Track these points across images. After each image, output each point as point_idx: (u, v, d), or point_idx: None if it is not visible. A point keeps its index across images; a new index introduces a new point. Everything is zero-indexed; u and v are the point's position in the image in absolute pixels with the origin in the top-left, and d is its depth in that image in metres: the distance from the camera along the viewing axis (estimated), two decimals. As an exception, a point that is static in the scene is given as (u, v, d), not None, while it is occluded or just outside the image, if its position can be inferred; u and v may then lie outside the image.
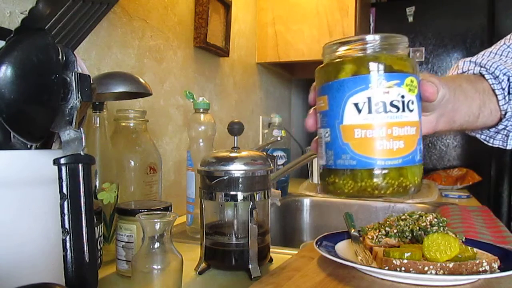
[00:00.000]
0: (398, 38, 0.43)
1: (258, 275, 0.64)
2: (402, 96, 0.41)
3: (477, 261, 0.58)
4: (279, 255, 0.75)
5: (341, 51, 0.43)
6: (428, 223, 0.66)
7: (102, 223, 0.69)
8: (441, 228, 0.65)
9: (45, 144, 0.49)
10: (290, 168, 0.72)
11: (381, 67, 0.41)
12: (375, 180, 0.41)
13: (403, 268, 0.57)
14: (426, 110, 0.48)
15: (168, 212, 0.58)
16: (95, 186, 0.74)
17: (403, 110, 0.41)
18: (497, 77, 0.63)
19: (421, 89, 0.44)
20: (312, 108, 0.48)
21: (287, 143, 1.44)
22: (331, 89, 0.42)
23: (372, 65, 0.41)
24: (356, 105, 0.41)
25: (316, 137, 0.47)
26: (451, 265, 0.57)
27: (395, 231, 0.68)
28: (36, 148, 0.47)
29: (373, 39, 0.42)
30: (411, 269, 0.57)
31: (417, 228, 0.66)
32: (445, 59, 2.06)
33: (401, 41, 0.43)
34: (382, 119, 0.40)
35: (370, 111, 0.40)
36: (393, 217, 0.71)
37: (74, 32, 0.52)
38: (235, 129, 0.70)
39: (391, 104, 0.40)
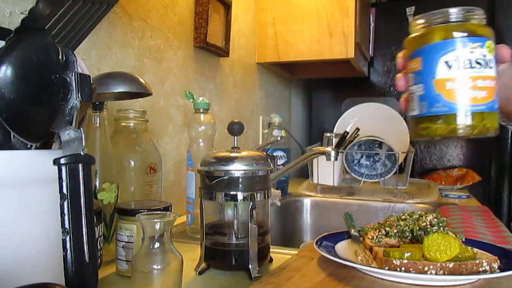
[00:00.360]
0: (478, 10, 0.53)
1: (258, 275, 0.64)
2: (484, 55, 0.51)
3: (477, 261, 0.58)
4: (279, 255, 0.75)
5: (431, 22, 0.55)
6: (428, 223, 0.66)
7: (102, 223, 0.69)
8: (441, 228, 0.65)
9: (45, 144, 0.49)
10: (290, 168, 0.72)
11: (466, 33, 0.51)
12: (463, 122, 0.51)
13: (403, 268, 0.57)
14: None
15: (168, 212, 0.58)
16: (95, 186, 0.74)
17: (485, 67, 0.51)
18: None
19: (497, 51, 0.53)
20: (402, 72, 0.58)
21: (287, 143, 1.44)
22: (425, 52, 0.54)
23: (460, 31, 0.51)
24: (446, 62, 0.51)
25: (406, 95, 0.57)
26: (451, 265, 0.57)
27: (395, 231, 0.68)
28: (36, 148, 0.47)
29: (458, 11, 0.53)
30: (411, 269, 0.57)
31: (417, 228, 0.66)
32: (445, 59, 2.06)
33: (480, 13, 0.53)
34: (468, 73, 0.50)
35: (458, 67, 0.51)
36: (393, 217, 0.71)
37: (74, 32, 0.52)
38: (235, 129, 0.70)
39: (476, 61, 0.51)
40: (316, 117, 2.33)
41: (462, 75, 0.51)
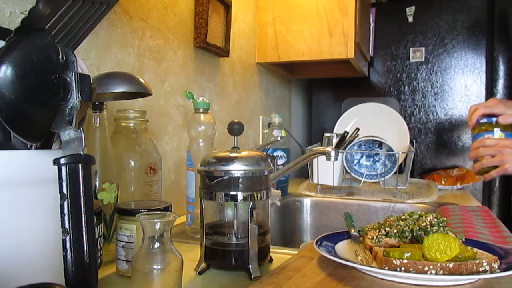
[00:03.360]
0: None
1: (258, 275, 0.64)
2: None
3: (477, 261, 0.58)
4: (279, 255, 0.75)
5: None
6: (428, 223, 0.66)
7: (102, 223, 0.69)
8: (441, 228, 0.65)
9: (45, 144, 0.49)
10: (290, 168, 0.72)
11: None
12: None
13: (403, 268, 0.57)
14: None
15: (168, 212, 0.58)
16: (95, 186, 0.74)
17: None
18: None
19: None
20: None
21: (287, 143, 1.44)
22: None
23: None
24: None
25: None
26: (451, 265, 0.57)
27: (395, 231, 0.68)
28: (36, 148, 0.47)
29: None
30: (411, 269, 0.57)
31: (417, 228, 0.66)
32: (445, 59, 2.06)
33: None
34: None
35: None
36: (393, 217, 0.71)
37: (74, 32, 0.52)
38: (235, 129, 0.70)
39: None
40: (316, 117, 2.33)
41: None
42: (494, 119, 1.09)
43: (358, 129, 1.52)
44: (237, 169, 0.65)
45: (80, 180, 0.46)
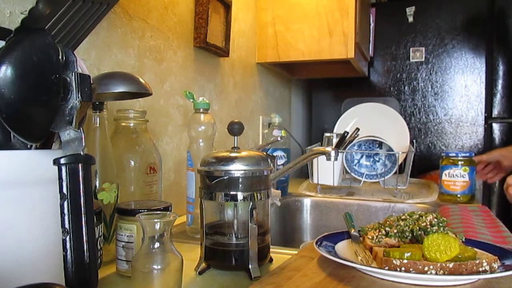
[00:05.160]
0: None
1: (258, 275, 0.64)
2: None
3: (477, 261, 0.58)
4: (279, 255, 0.75)
5: None
6: (428, 223, 0.66)
7: (102, 223, 0.69)
8: (441, 228, 0.65)
9: (45, 144, 0.49)
10: (290, 168, 0.72)
11: None
12: None
13: (403, 268, 0.57)
14: None
15: (168, 212, 0.58)
16: (95, 186, 0.74)
17: None
18: None
19: None
20: None
21: (287, 143, 1.44)
22: None
23: None
24: None
25: None
26: (451, 265, 0.57)
27: (395, 231, 0.68)
28: (36, 148, 0.47)
29: None
30: (411, 269, 0.57)
31: (417, 228, 0.66)
32: (445, 59, 2.06)
33: None
34: None
35: None
36: (393, 217, 0.71)
37: (74, 32, 0.52)
38: (235, 129, 0.70)
39: None
40: (316, 117, 2.33)
41: None
42: None
43: (358, 129, 1.52)
44: (237, 169, 0.65)
45: (80, 180, 0.46)
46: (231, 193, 0.65)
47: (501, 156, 1.44)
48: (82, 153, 0.46)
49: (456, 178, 1.30)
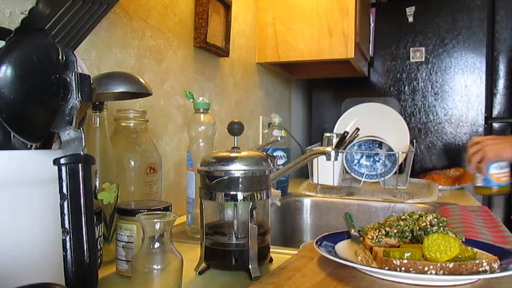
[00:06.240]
0: None
1: (258, 275, 0.64)
2: None
3: (477, 261, 0.58)
4: (279, 255, 0.75)
5: None
6: (428, 223, 0.66)
7: (102, 223, 0.69)
8: (441, 228, 0.65)
9: (45, 144, 0.49)
10: (290, 168, 0.72)
11: None
12: None
13: (403, 268, 0.57)
14: None
15: (168, 212, 0.58)
16: (95, 186, 0.74)
17: None
18: None
19: None
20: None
21: (287, 143, 1.44)
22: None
23: None
24: None
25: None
26: (451, 265, 0.57)
27: (395, 231, 0.68)
28: (36, 148, 0.47)
29: None
30: (411, 269, 0.57)
31: (417, 228, 0.66)
32: (445, 59, 2.06)
33: None
34: None
35: None
36: (393, 217, 0.71)
37: (74, 32, 0.52)
38: (235, 129, 0.70)
39: None
40: (316, 117, 2.33)
41: None
42: None
43: (358, 129, 1.52)
44: (237, 169, 0.65)
45: (80, 180, 0.46)
46: (231, 193, 0.65)
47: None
48: (82, 153, 0.46)
49: (504, 169, 1.31)
